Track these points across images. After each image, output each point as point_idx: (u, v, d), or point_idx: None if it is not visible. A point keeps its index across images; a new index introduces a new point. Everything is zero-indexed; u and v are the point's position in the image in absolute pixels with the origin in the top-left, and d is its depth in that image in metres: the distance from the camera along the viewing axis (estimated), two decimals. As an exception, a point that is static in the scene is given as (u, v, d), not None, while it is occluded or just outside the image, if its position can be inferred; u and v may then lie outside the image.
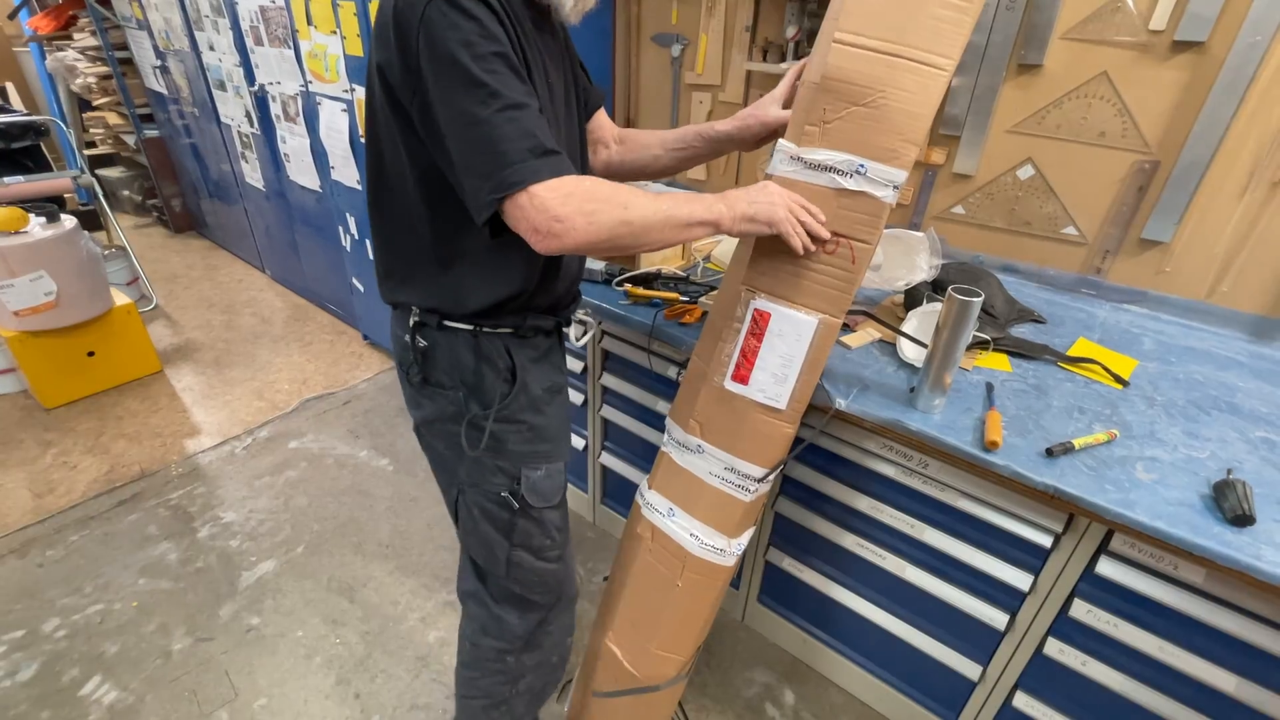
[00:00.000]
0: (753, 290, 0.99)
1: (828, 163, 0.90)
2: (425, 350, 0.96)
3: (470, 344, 0.95)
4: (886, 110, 0.86)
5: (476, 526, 1.05)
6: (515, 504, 1.02)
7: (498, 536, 1.05)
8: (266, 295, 3.64)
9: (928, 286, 1.39)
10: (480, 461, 0.99)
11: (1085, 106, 1.44)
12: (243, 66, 2.86)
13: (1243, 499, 0.89)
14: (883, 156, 0.87)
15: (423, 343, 0.95)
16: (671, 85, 2.14)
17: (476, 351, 0.95)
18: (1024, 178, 1.57)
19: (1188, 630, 1.00)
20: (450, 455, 1.02)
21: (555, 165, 0.76)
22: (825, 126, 0.89)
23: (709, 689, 1.57)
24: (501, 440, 0.99)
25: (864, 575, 1.40)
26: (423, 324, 0.95)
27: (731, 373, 1.03)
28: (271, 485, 2.21)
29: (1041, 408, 1.14)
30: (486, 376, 0.96)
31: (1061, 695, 1.18)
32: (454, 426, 0.98)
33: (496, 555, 1.06)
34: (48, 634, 1.68)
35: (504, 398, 0.97)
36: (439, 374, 0.97)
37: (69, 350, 2.53)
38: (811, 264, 0.95)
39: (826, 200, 0.92)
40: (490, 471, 1.00)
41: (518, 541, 1.06)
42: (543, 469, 1.03)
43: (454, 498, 1.06)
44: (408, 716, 1.51)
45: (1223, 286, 1.41)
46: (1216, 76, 1.28)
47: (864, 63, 0.85)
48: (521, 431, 1.00)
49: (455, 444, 0.99)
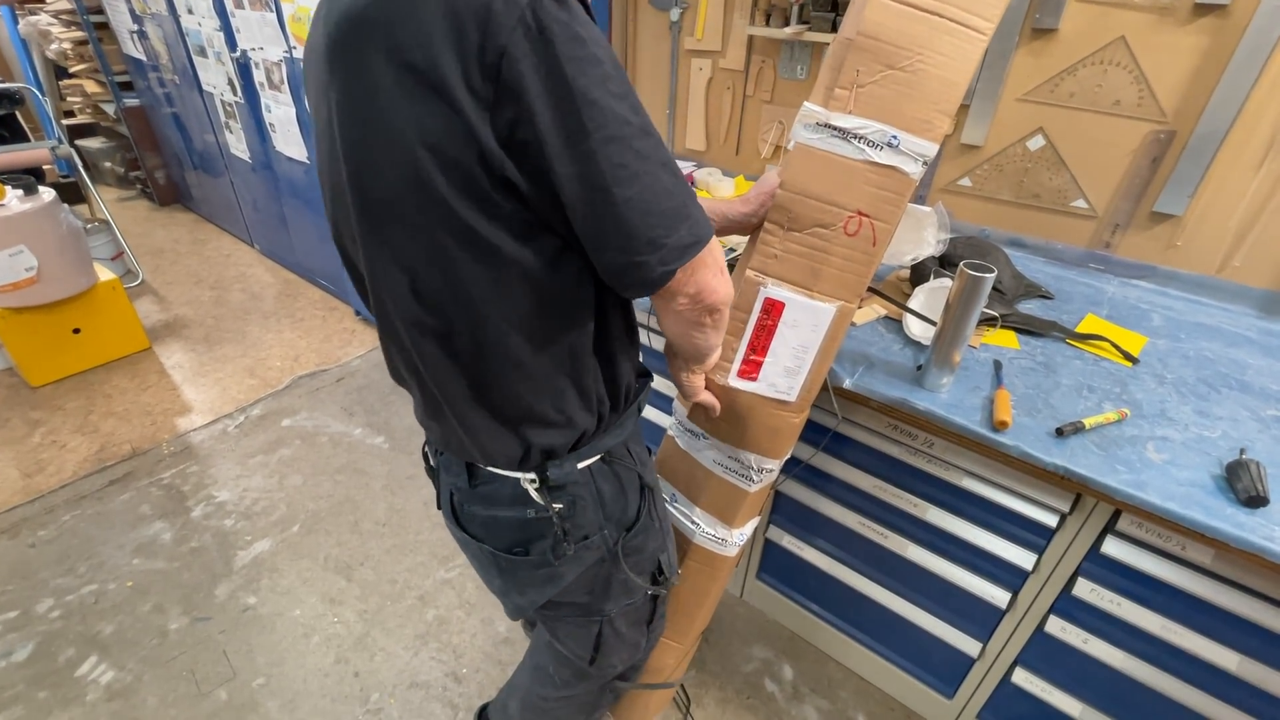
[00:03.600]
0: (762, 276, 0.91)
1: (859, 131, 0.82)
2: (565, 512, 0.76)
3: (606, 471, 0.79)
4: (923, 76, 0.79)
5: (622, 640, 0.95)
6: (663, 590, 0.93)
7: (641, 629, 0.97)
8: (256, 270, 3.57)
9: (935, 261, 1.36)
10: (633, 581, 0.87)
11: (1101, 73, 1.39)
12: (223, 31, 2.75)
13: (1256, 479, 0.87)
14: (916, 128, 0.81)
15: (559, 505, 0.75)
16: (670, 51, 2.07)
17: (616, 475, 0.79)
18: (1034, 149, 1.53)
19: (1192, 609, 0.99)
20: (591, 600, 0.87)
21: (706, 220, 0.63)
22: (858, 90, 0.81)
23: (708, 664, 1.58)
24: (646, 549, 0.88)
25: (865, 553, 1.39)
26: (554, 486, 0.74)
27: (737, 369, 0.95)
28: (265, 464, 2.18)
29: (1050, 386, 1.12)
30: (626, 486, 0.81)
31: (1061, 672, 1.19)
32: (602, 569, 0.84)
33: (639, 645, 0.99)
34: (42, 614, 1.66)
35: (641, 507, 0.84)
36: (585, 524, 0.78)
37: (53, 327, 2.47)
38: (831, 247, 0.88)
39: (851, 173, 0.84)
40: (633, 582, 0.88)
41: (656, 618, 1.00)
42: (669, 545, 0.94)
43: (595, 633, 0.92)
44: (407, 694, 1.51)
45: (1235, 261, 1.38)
46: (1238, 42, 1.23)
47: (904, 20, 0.78)
48: (655, 525, 0.88)
49: (599, 585, 0.86)
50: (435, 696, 1.51)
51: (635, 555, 0.85)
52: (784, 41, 1.79)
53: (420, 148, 0.54)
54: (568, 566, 0.80)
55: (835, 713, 1.49)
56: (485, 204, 0.57)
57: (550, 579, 0.81)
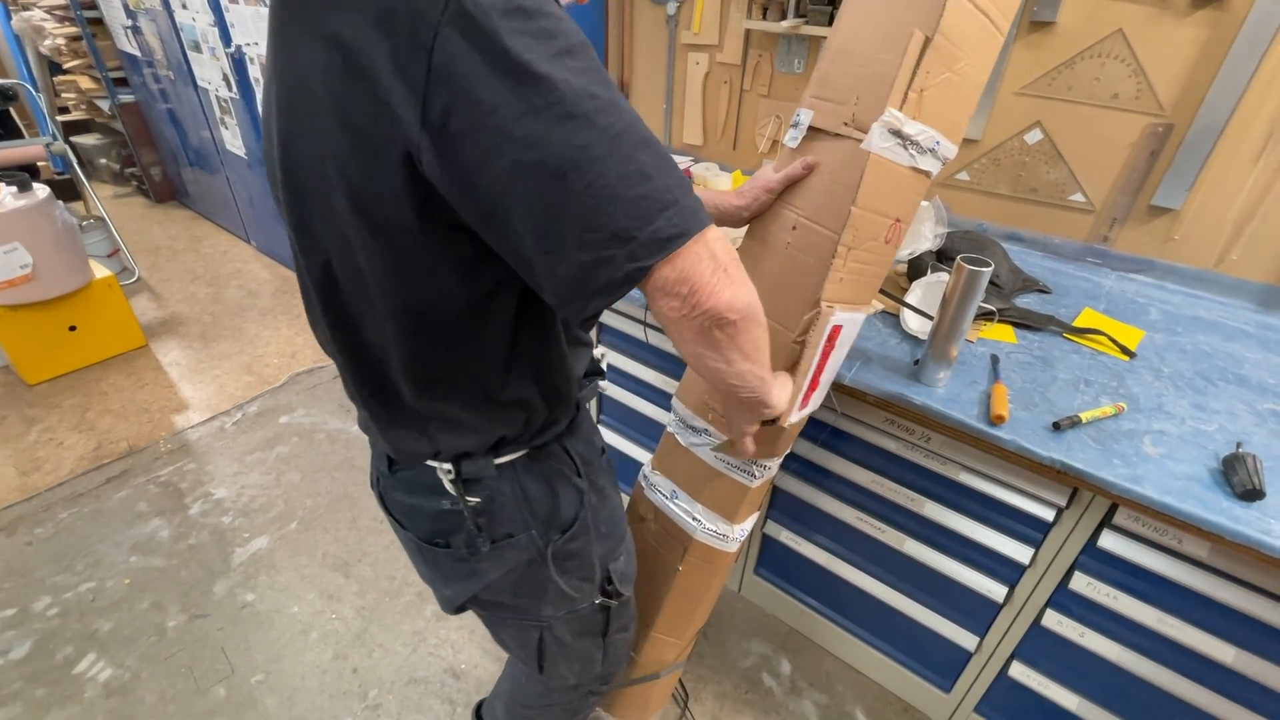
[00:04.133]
0: (834, 306, 0.84)
1: (916, 137, 0.78)
2: (481, 507, 0.74)
3: (534, 468, 0.75)
4: (964, 78, 0.77)
5: (569, 651, 0.91)
6: (612, 601, 0.89)
7: (594, 642, 0.93)
8: (252, 267, 3.56)
9: (932, 256, 1.35)
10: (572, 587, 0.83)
11: (1099, 66, 1.38)
12: (218, 26, 2.73)
13: (1253, 473, 0.87)
14: (950, 131, 0.79)
15: (474, 500, 0.73)
16: (667, 45, 2.06)
17: (544, 473, 0.76)
18: (1031, 142, 1.52)
19: (1188, 603, 1.00)
20: (525, 602, 0.83)
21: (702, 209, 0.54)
22: (923, 95, 0.77)
23: (706, 659, 1.58)
24: (585, 554, 0.83)
25: (862, 548, 1.39)
26: (469, 479, 0.72)
27: (799, 403, 0.89)
28: (263, 461, 2.18)
29: (1047, 380, 1.12)
30: (561, 491, 0.77)
31: (1058, 665, 1.19)
32: (532, 571, 0.79)
33: (594, 659, 0.95)
34: (39, 612, 1.66)
35: (580, 509, 0.79)
36: (506, 523, 0.75)
37: (49, 325, 2.47)
38: (875, 258, 0.85)
39: (901, 181, 0.81)
40: (576, 590, 0.84)
41: (613, 632, 0.95)
42: (623, 554, 0.90)
43: (535, 639, 0.88)
44: (405, 690, 1.51)
45: (1232, 255, 1.37)
46: (1236, 35, 1.23)
47: (969, 20, 0.75)
48: (600, 530, 0.83)
49: (531, 588, 0.81)
50: (434, 692, 1.51)
51: (573, 560, 0.80)
52: (781, 35, 1.78)
53: (341, 130, 0.51)
54: (489, 564, 0.77)
55: (833, 707, 1.49)
56: (401, 201, 0.52)
57: (472, 574, 0.78)
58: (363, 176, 0.52)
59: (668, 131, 2.20)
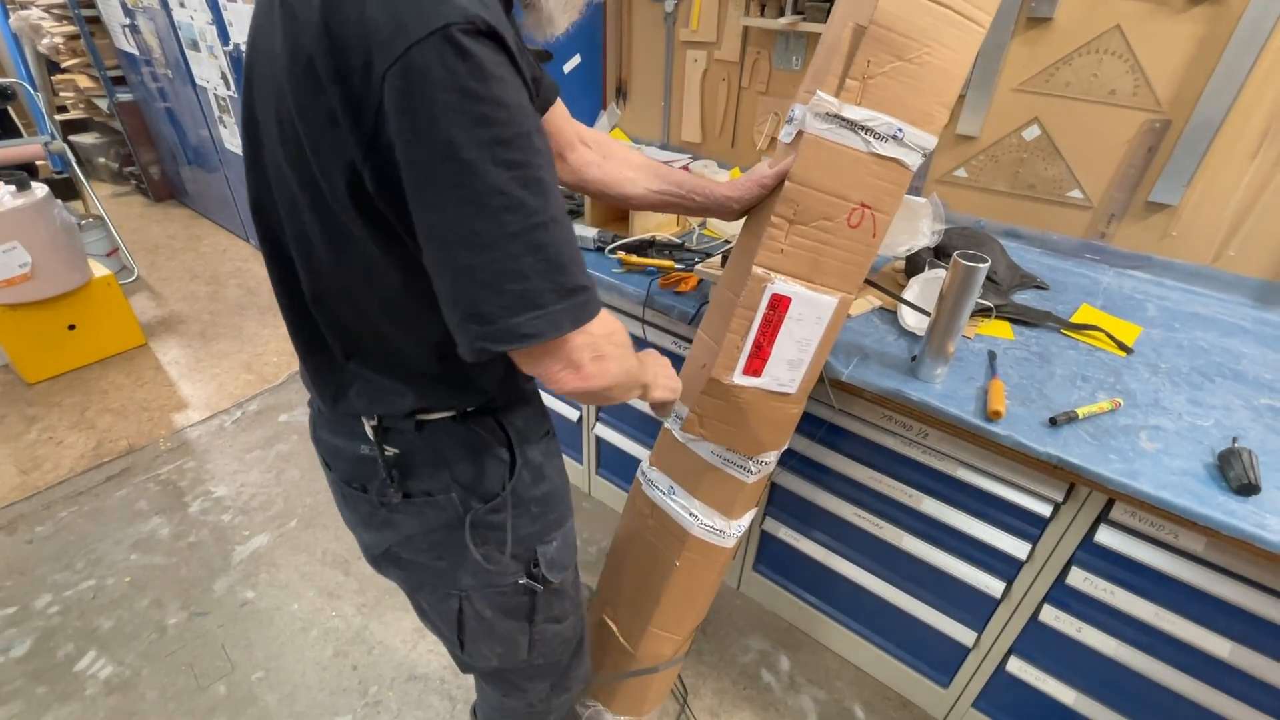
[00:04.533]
0: (769, 272, 0.89)
1: (866, 123, 0.81)
2: (398, 459, 0.75)
3: (459, 432, 0.75)
4: (928, 68, 0.79)
5: (490, 628, 0.89)
6: (538, 586, 0.88)
7: (519, 624, 0.91)
8: (251, 265, 3.56)
9: (930, 252, 1.36)
10: (488, 559, 0.83)
11: (1096, 63, 1.38)
12: (216, 24, 2.73)
13: (1248, 468, 0.88)
14: (919, 120, 0.81)
15: (392, 451, 0.74)
16: (665, 43, 2.06)
17: (469, 441, 0.76)
18: (1029, 139, 1.52)
19: (1184, 597, 1.00)
20: (441, 566, 0.83)
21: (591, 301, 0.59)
22: (867, 82, 0.80)
23: (705, 655, 1.59)
24: (512, 529, 0.82)
25: (861, 544, 1.39)
26: (390, 429, 0.73)
27: (743, 366, 0.94)
28: (262, 459, 2.18)
29: (1044, 376, 1.12)
30: (486, 464, 0.77)
31: (1055, 660, 1.19)
32: (447, 535, 0.80)
33: (518, 644, 0.92)
34: (40, 610, 1.66)
35: (507, 482, 0.79)
36: (421, 482, 0.76)
37: (49, 324, 2.47)
38: (834, 239, 0.88)
39: (857, 165, 0.84)
40: (499, 565, 0.83)
41: (539, 619, 0.92)
42: (556, 539, 0.89)
43: (454, 609, 0.87)
44: (405, 687, 1.52)
45: (1230, 251, 1.38)
46: (1233, 31, 1.23)
47: (914, 10, 0.77)
48: (529, 510, 0.84)
49: (452, 552, 0.81)
50: (433, 689, 1.51)
51: (494, 532, 0.80)
52: (779, 32, 1.78)
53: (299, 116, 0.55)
54: (404, 517, 0.78)
55: (831, 703, 1.50)
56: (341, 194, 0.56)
57: (387, 524, 0.79)
58: (315, 161, 0.56)
59: (666, 129, 2.20)
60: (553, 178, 0.55)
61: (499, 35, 0.49)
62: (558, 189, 0.57)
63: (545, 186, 0.53)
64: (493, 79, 0.49)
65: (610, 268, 1.46)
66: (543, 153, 0.54)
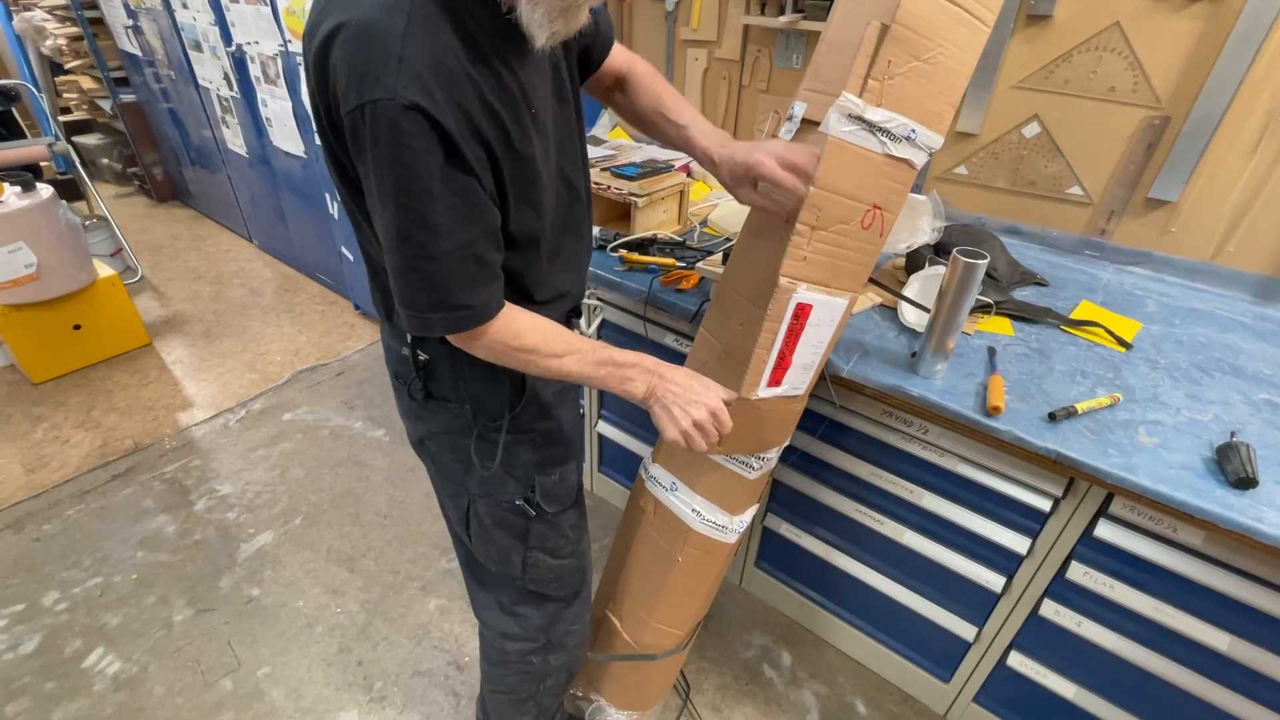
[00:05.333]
0: (794, 283, 0.86)
1: (884, 124, 0.80)
2: (427, 364, 0.88)
3: (474, 358, 0.85)
4: (940, 68, 0.79)
5: (489, 535, 1.00)
6: (531, 511, 0.98)
7: (513, 541, 1.00)
8: (255, 265, 3.57)
9: (930, 249, 1.36)
10: (484, 468, 0.94)
11: (1095, 60, 1.39)
12: (218, 25, 2.74)
13: (1246, 462, 0.88)
14: (929, 120, 0.81)
15: (424, 356, 0.87)
16: (666, 42, 2.06)
17: (481, 366, 0.85)
18: (1029, 136, 1.53)
19: (1184, 591, 1.01)
20: (458, 466, 0.95)
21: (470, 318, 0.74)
22: (887, 83, 0.79)
23: (707, 651, 1.60)
24: (513, 452, 0.93)
25: (862, 540, 1.40)
26: (424, 338, 0.86)
27: (767, 379, 0.92)
28: (267, 457, 2.20)
29: (1044, 372, 1.13)
30: (494, 389, 0.89)
31: (1055, 654, 1.20)
32: (461, 439, 0.92)
33: (512, 559, 1.02)
34: (48, 607, 1.68)
35: (514, 409, 0.90)
36: (443, 389, 0.89)
37: (54, 324, 2.48)
38: (849, 242, 0.87)
39: (873, 167, 0.83)
40: (502, 481, 0.95)
41: (533, 545, 1.01)
42: (556, 474, 0.98)
43: (464, 507, 0.99)
44: (410, 683, 1.53)
45: (1229, 247, 1.38)
46: (1233, 27, 1.23)
47: (932, 9, 0.77)
48: (534, 440, 0.94)
49: (463, 456, 0.93)
50: (438, 684, 1.53)
51: (505, 455, 0.91)
52: (779, 31, 1.79)
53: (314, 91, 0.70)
54: (429, 414, 0.92)
55: (833, 698, 1.51)
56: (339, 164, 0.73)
57: (419, 417, 0.94)
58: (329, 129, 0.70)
59: (667, 127, 2.21)
60: (450, 221, 0.67)
61: (421, 108, 0.61)
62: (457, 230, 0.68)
63: (436, 228, 0.66)
64: (402, 146, 0.62)
65: (612, 266, 1.47)
66: (439, 201, 0.65)
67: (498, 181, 0.72)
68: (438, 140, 0.63)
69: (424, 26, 0.62)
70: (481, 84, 0.66)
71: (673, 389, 0.85)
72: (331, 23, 0.63)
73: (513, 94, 0.71)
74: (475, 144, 0.67)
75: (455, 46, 0.64)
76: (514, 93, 0.71)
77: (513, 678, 1.15)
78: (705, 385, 0.86)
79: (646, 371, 0.85)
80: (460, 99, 0.64)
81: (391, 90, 0.60)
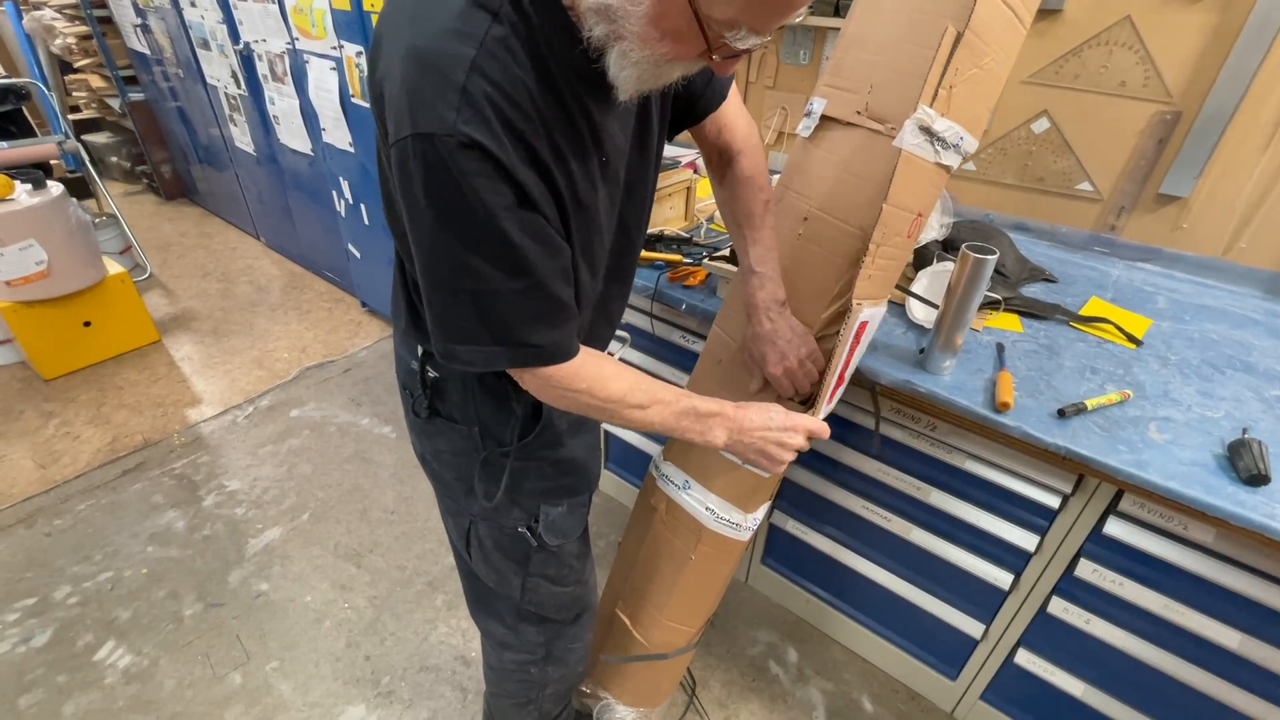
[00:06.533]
0: (861, 303, 0.85)
1: (943, 133, 0.78)
2: (436, 382, 0.85)
3: (487, 381, 0.82)
4: (989, 74, 0.78)
5: (488, 556, 0.97)
6: (533, 541, 0.93)
7: (513, 566, 0.97)
8: (262, 263, 3.59)
9: (938, 246, 1.36)
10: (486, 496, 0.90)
11: (1106, 54, 1.38)
12: (226, 23, 2.75)
13: (1258, 459, 0.88)
14: (973, 126, 0.80)
15: (433, 373, 0.84)
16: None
17: (494, 389, 0.82)
18: (1038, 131, 1.52)
19: (1194, 588, 1.00)
20: (459, 486, 0.91)
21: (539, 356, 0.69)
22: (951, 92, 0.77)
23: (713, 648, 1.60)
24: (519, 478, 0.88)
25: (869, 537, 1.40)
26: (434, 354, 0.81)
27: (828, 398, 0.90)
28: (275, 454, 2.21)
29: (1053, 368, 1.12)
30: (506, 414, 0.84)
31: (1064, 652, 1.20)
32: (465, 461, 0.88)
33: (511, 581, 0.99)
34: (59, 601, 1.70)
35: (524, 437, 0.85)
36: (450, 408, 0.86)
37: (64, 320, 2.50)
38: (898, 252, 0.86)
39: (926, 176, 0.82)
40: (505, 507, 0.90)
41: (534, 571, 0.97)
42: (564, 505, 0.93)
43: (465, 526, 0.96)
44: (418, 678, 1.53)
45: (1241, 243, 1.37)
46: (1245, 21, 1.22)
47: (996, 15, 0.75)
48: (542, 468, 0.90)
49: (466, 477, 0.89)
50: (445, 679, 1.53)
51: (510, 481, 0.87)
52: (786, 27, 1.78)
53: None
54: (435, 431, 0.88)
55: (839, 695, 1.50)
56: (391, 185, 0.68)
57: (423, 432, 0.90)
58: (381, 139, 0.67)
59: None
60: (516, 260, 0.62)
61: (482, 146, 0.56)
62: (525, 268, 0.63)
63: (502, 265, 0.62)
64: (458, 183, 0.57)
65: (619, 262, 1.47)
66: (506, 240, 0.61)
67: (564, 226, 0.67)
68: (501, 179, 0.58)
69: (495, 59, 0.56)
70: (552, 125, 0.61)
71: (759, 432, 0.79)
72: (393, 41, 0.59)
73: (583, 140, 0.66)
74: (541, 184, 0.62)
75: (528, 82, 0.58)
76: (585, 139, 0.66)
77: (511, 684, 1.14)
78: (784, 414, 0.82)
79: (727, 419, 0.79)
80: (526, 137, 0.59)
81: (450, 125, 0.55)
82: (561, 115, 0.62)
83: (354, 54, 2.12)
